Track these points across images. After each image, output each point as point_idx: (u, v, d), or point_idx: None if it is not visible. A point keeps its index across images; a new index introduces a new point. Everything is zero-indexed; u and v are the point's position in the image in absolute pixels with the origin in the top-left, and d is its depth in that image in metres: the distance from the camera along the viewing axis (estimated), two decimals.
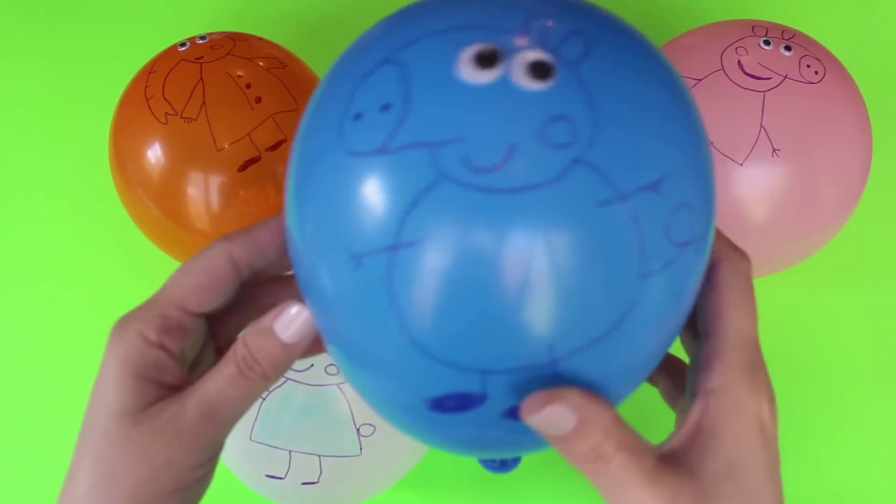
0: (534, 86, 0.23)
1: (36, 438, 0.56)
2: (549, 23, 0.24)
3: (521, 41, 0.24)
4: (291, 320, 0.27)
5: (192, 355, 0.30)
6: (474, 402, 0.25)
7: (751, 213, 0.46)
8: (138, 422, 0.27)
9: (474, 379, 0.25)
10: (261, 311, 0.30)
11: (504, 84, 0.23)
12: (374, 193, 0.23)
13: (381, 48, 0.25)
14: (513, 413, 0.25)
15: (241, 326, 0.33)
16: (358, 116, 0.24)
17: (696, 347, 0.28)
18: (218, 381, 0.27)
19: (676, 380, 0.33)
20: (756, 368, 0.27)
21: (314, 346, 0.28)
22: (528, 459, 0.29)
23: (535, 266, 0.23)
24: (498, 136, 0.23)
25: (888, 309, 0.58)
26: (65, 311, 0.59)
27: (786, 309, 0.58)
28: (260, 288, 0.32)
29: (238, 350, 0.27)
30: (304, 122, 0.27)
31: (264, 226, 0.30)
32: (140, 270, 0.59)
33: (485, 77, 0.23)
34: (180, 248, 0.54)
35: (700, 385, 0.27)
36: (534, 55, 0.23)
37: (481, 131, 0.23)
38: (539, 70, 0.23)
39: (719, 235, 0.28)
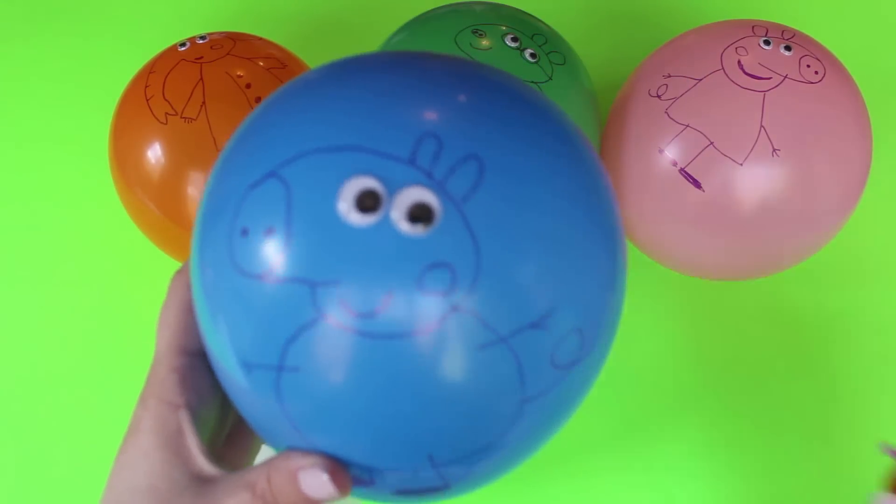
0: (414, 231, 0.23)
1: (36, 439, 0.56)
2: (441, 144, 0.23)
3: (405, 174, 0.23)
4: (320, 485, 0.26)
5: (213, 414, 0.30)
6: (364, 484, 0.27)
7: (751, 213, 0.46)
8: None
9: (361, 471, 0.26)
10: None
11: (384, 227, 0.23)
12: (259, 316, 0.24)
13: (268, 155, 0.25)
14: (402, 492, 0.27)
15: None
16: (244, 232, 0.24)
17: None
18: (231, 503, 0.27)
19: None
20: None
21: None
22: (532, 458, 0.30)
23: (412, 399, 0.24)
24: (375, 283, 0.23)
25: (889, 308, 0.58)
26: (65, 311, 0.59)
27: (786, 309, 0.58)
28: None
29: (259, 482, 0.27)
30: (201, 209, 0.27)
31: None
32: (140, 270, 0.59)
33: (365, 220, 0.23)
34: (180, 248, 0.53)
35: None
36: (416, 195, 0.23)
37: (359, 276, 0.23)
38: (420, 215, 0.23)
39: None
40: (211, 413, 0.30)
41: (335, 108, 0.25)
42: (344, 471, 0.26)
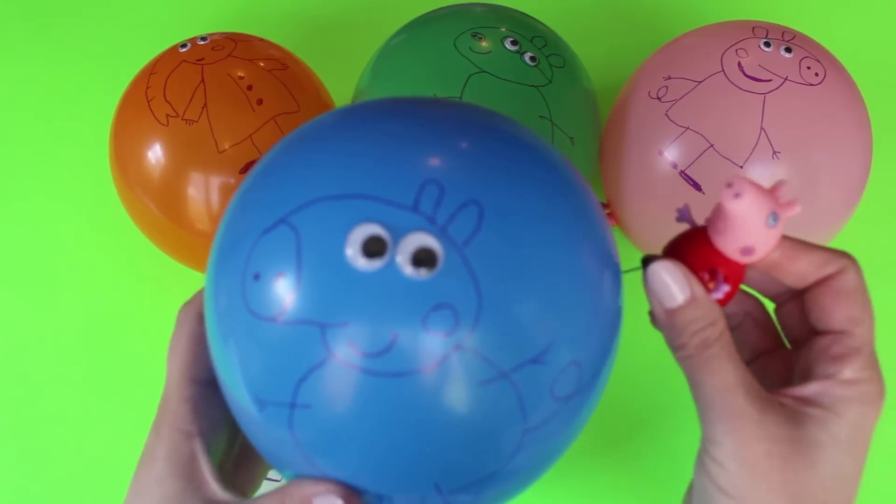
0: (418, 274, 0.24)
1: (36, 439, 0.56)
2: (443, 191, 0.25)
3: (409, 220, 0.24)
4: None
5: (222, 441, 0.32)
6: None
7: None
8: None
9: (371, 497, 0.27)
10: None
11: (390, 271, 0.24)
12: (272, 357, 0.25)
13: (278, 202, 0.26)
14: None
15: None
16: (256, 276, 0.25)
17: (828, 340, 0.30)
18: None
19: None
20: (881, 375, 0.29)
21: None
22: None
23: (418, 432, 0.25)
24: (382, 325, 0.24)
25: (888, 308, 0.58)
26: (65, 311, 0.59)
27: None
28: None
29: None
30: (215, 249, 0.28)
31: None
32: (140, 271, 0.59)
33: (371, 265, 0.24)
34: (181, 249, 0.54)
35: (831, 372, 0.29)
36: (419, 241, 0.24)
37: (367, 318, 0.24)
38: (423, 259, 0.24)
39: (828, 249, 0.30)
40: (221, 441, 0.31)
41: (341, 157, 0.26)
42: (356, 496, 0.27)
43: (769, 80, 0.45)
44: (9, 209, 0.62)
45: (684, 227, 0.31)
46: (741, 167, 0.45)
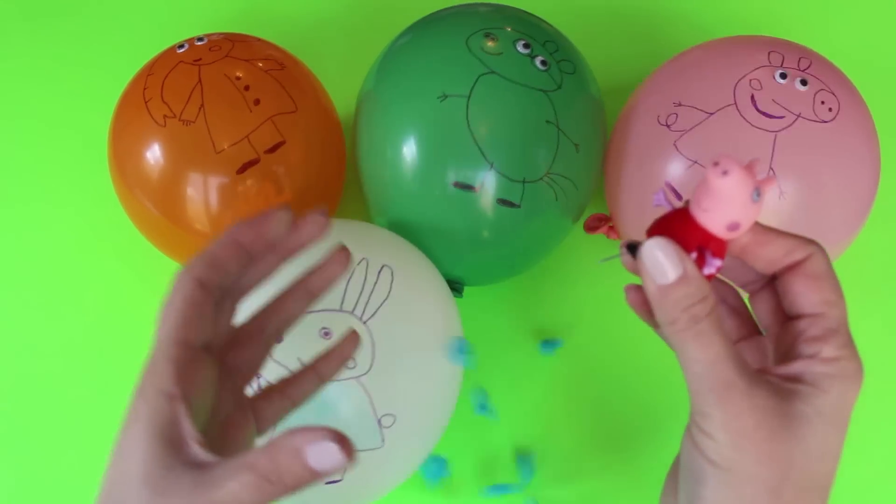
0: None
1: (36, 439, 0.57)
2: None
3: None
4: (328, 455, 0.26)
5: (207, 405, 0.31)
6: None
7: None
8: (157, 493, 0.27)
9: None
10: (267, 342, 0.35)
11: None
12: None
13: None
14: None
15: (250, 362, 0.35)
16: None
17: (804, 323, 0.30)
18: (234, 486, 0.27)
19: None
20: (857, 353, 0.30)
21: None
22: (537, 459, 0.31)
23: None
24: None
25: (889, 309, 0.58)
26: (65, 312, 0.59)
27: None
28: (258, 321, 0.35)
29: (260, 461, 0.27)
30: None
31: (218, 244, 0.32)
32: (140, 272, 0.59)
33: None
34: (180, 249, 0.54)
35: (812, 351, 0.29)
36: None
37: None
38: None
39: (796, 236, 0.31)
40: (205, 406, 0.31)
41: None
42: (349, 439, 0.26)
43: (782, 118, 0.44)
44: (8, 209, 0.62)
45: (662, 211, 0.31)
46: None
